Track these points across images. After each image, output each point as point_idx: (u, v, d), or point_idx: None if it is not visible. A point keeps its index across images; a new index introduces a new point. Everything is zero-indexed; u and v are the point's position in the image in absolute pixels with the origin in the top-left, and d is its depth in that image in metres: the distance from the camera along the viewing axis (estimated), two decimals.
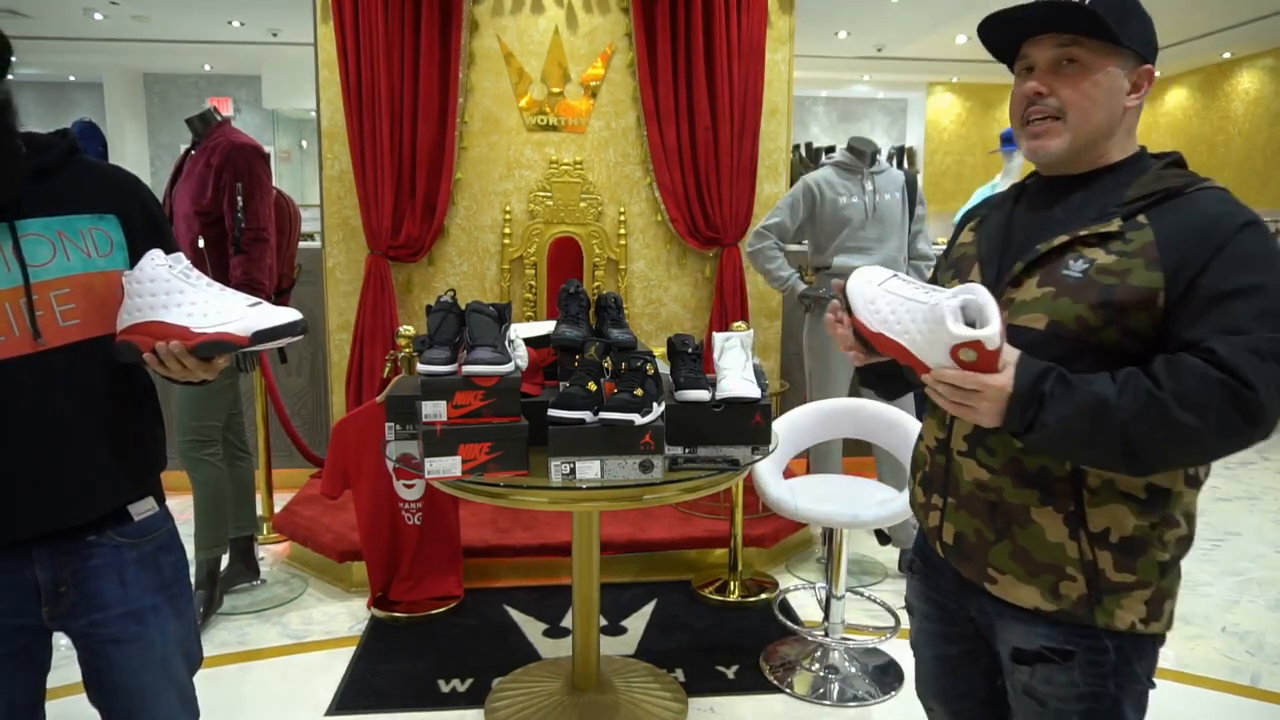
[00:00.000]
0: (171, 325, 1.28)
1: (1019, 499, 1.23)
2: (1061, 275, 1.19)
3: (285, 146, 10.66)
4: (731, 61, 3.85)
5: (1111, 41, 1.18)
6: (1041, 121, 1.23)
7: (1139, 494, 1.19)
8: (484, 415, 1.98)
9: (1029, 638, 1.25)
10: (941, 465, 1.35)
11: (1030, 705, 1.28)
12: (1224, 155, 9.41)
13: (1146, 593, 1.21)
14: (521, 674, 2.68)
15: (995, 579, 1.27)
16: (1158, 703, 2.64)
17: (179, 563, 1.48)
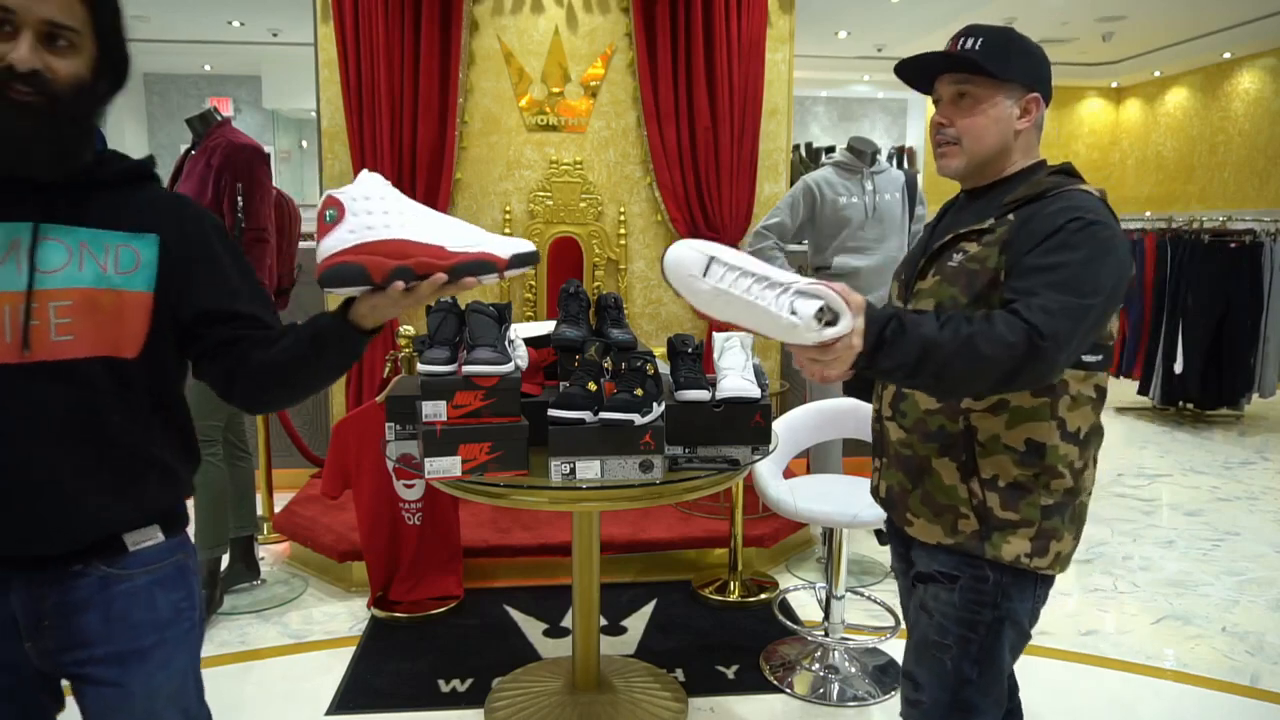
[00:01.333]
0: (420, 243, 1.14)
1: (925, 451, 1.49)
2: (946, 265, 1.46)
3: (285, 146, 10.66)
4: (731, 61, 3.85)
5: (996, 78, 1.44)
6: (944, 146, 1.50)
7: (1019, 447, 1.43)
8: (484, 415, 1.98)
9: (929, 564, 1.52)
10: (879, 431, 1.63)
11: (923, 617, 1.53)
12: (1224, 155, 9.40)
13: (1031, 530, 1.44)
14: (521, 674, 2.68)
15: (912, 521, 1.54)
16: (1158, 703, 2.61)
17: (183, 602, 1.31)
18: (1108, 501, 4.55)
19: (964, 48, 1.45)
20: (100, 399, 1.18)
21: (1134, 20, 7.95)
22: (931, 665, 1.51)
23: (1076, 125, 11.10)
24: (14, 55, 1.06)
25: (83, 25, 1.12)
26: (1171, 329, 6.25)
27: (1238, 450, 5.63)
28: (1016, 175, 1.49)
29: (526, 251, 1.19)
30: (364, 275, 1.13)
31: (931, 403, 1.47)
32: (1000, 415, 1.43)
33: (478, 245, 1.16)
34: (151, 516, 1.27)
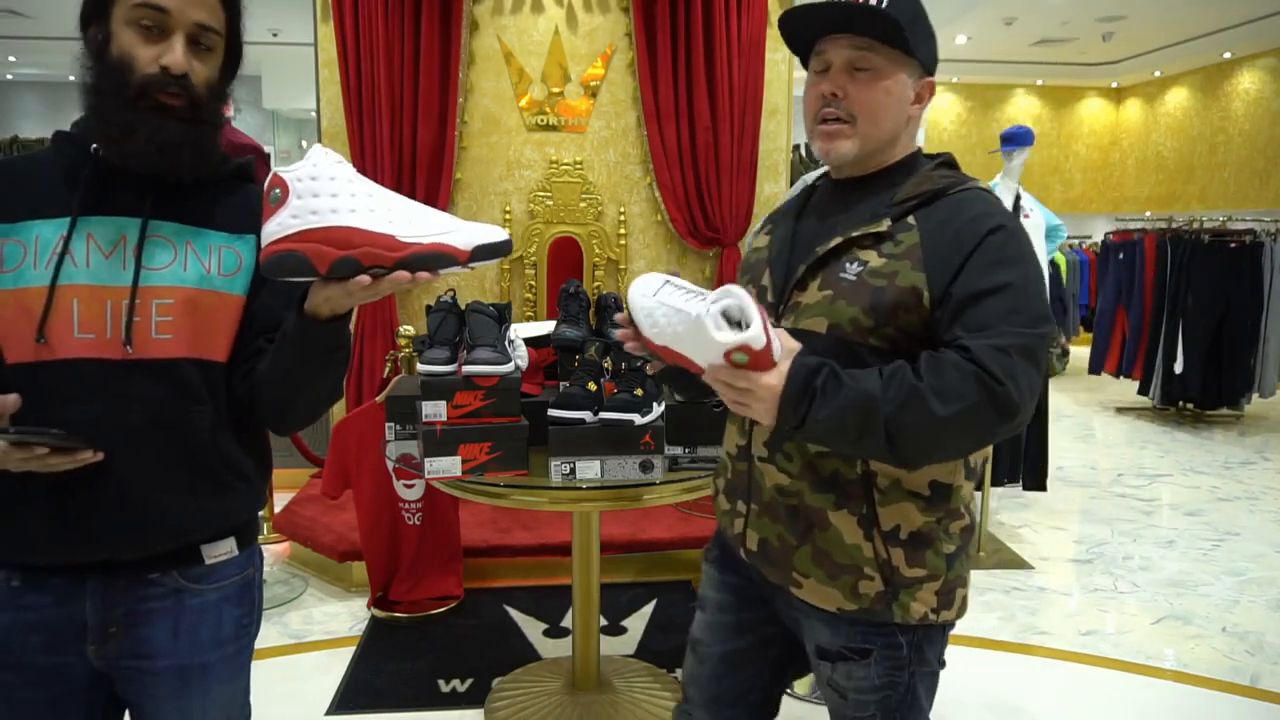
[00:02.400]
0: (368, 231, 1.02)
1: (817, 503, 1.25)
2: (839, 278, 1.22)
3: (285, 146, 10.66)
4: (731, 61, 3.85)
5: (904, 50, 1.22)
6: (834, 124, 1.25)
7: (923, 491, 1.23)
8: (484, 415, 1.98)
9: (831, 638, 1.29)
10: (744, 471, 1.35)
11: (833, 697, 1.34)
12: (1224, 155, 9.40)
13: (936, 584, 1.25)
14: (521, 674, 2.68)
15: (800, 583, 1.28)
16: (1158, 703, 2.61)
17: (245, 618, 1.29)
18: (1108, 501, 4.55)
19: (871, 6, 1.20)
20: (191, 402, 1.16)
21: (1134, 20, 7.95)
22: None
23: (1076, 125, 11.10)
24: (168, 58, 1.07)
25: (221, 27, 1.14)
26: (1171, 329, 6.25)
27: (1238, 450, 5.63)
28: (895, 166, 1.29)
29: (493, 242, 1.07)
30: (306, 265, 1.02)
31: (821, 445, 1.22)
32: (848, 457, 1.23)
33: (435, 235, 1.05)
34: (229, 528, 1.25)
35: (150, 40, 1.08)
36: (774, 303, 1.30)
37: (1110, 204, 11.02)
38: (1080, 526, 4.19)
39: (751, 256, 1.42)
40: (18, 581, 1.14)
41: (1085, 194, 11.22)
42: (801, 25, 1.27)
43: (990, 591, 3.39)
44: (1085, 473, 5.11)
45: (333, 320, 1.10)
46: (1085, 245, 9.06)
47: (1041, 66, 10.10)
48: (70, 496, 1.10)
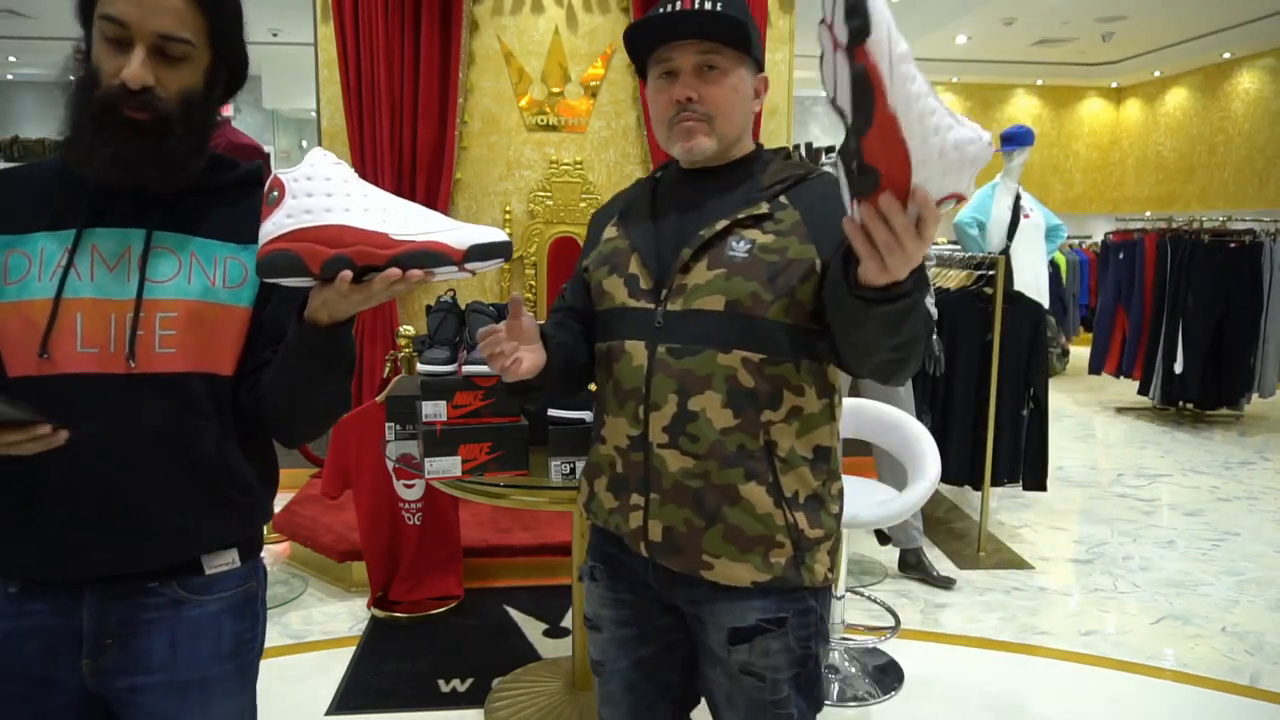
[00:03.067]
0: (360, 229, 1.02)
1: (727, 479, 1.27)
2: (728, 256, 1.27)
3: (285, 146, 10.65)
4: None
5: (744, 50, 1.30)
6: (692, 123, 1.30)
7: (809, 455, 1.30)
8: (484, 415, 1.99)
9: (744, 614, 1.30)
10: (639, 462, 1.33)
11: (749, 683, 1.31)
12: (1224, 155, 9.40)
13: (829, 543, 1.32)
14: (521, 674, 2.68)
15: (710, 564, 1.29)
16: (1158, 703, 2.61)
17: (247, 632, 1.25)
18: (1108, 501, 4.55)
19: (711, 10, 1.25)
20: (196, 416, 1.14)
21: (1134, 20, 7.95)
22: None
23: (1076, 125, 11.10)
24: (126, 72, 1.03)
25: (197, 35, 1.08)
26: (1171, 329, 6.25)
27: (1238, 450, 5.63)
28: (748, 158, 1.37)
29: (491, 242, 1.05)
30: (299, 265, 1.01)
31: (728, 419, 1.26)
32: (793, 424, 1.28)
33: (430, 234, 1.03)
34: (234, 538, 1.22)
35: (116, 52, 1.05)
36: (652, 288, 1.31)
37: (1110, 204, 11.02)
38: (1080, 526, 4.19)
39: (606, 248, 1.42)
40: (15, 589, 1.13)
41: (1085, 194, 11.22)
42: (651, 34, 1.31)
43: (990, 591, 3.39)
44: (1085, 473, 5.11)
45: (334, 327, 1.07)
46: (1085, 245, 9.06)
47: (1041, 66, 10.09)
48: (73, 510, 1.09)
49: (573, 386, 1.45)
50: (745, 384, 1.26)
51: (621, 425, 1.35)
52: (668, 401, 1.28)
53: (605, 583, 1.46)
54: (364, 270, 1.02)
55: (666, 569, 1.34)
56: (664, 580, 1.36)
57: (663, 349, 1.29)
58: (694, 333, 1.26)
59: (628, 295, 1.34)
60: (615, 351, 1.36)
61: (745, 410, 1.26)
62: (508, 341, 1.28)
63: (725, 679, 1.34)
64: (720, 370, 1.26)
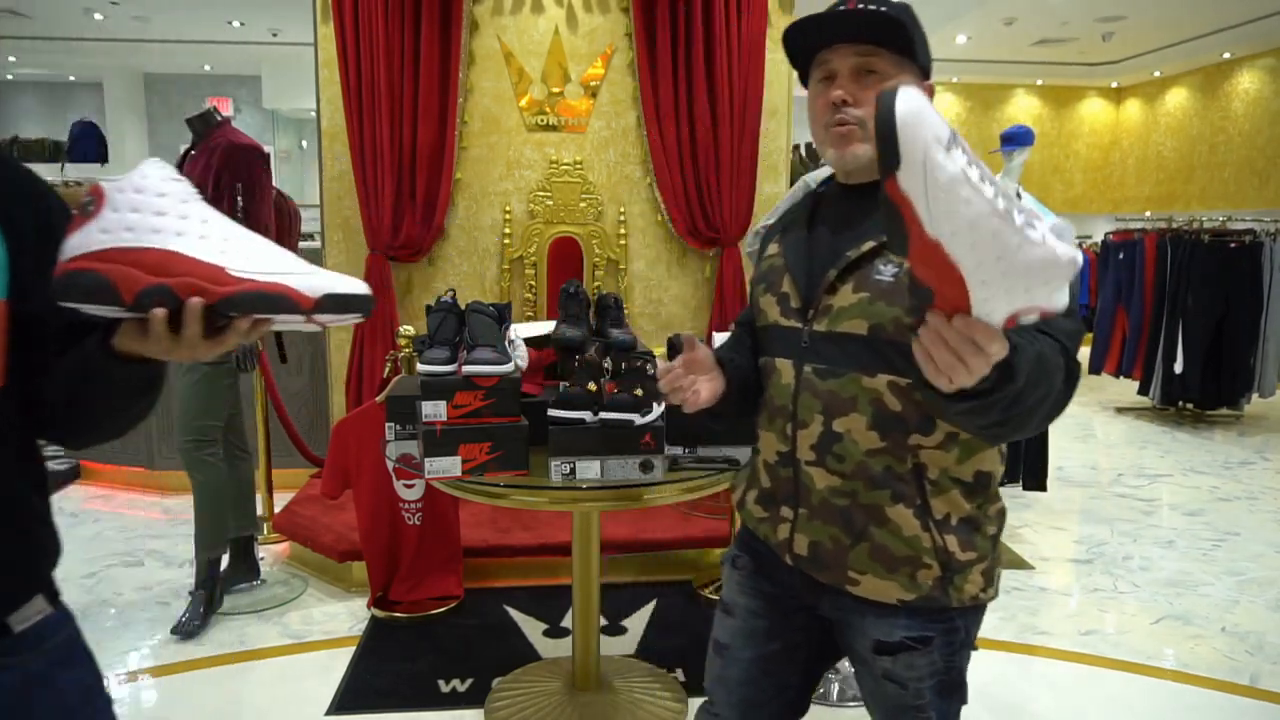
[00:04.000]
0: (192, 259, 0.86)
1: (873, 499, 1.27)
2: (874, 280, 1.23)
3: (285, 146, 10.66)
4: (731, 61, 3.85)
5: (907, 55, 1.25)
6: (846, 127, 1.26)
7: (967, 479, 1.28)
8: (484, 415, 1.99)
9: (890, 630, 1.30)
10: (788, 478, 1.34)
11: (891, 688, 1.34)
12: (1224, 155, 9.40)
13: (984, 565, 1.30)
14: (521, 674, 2.68)
15: (857, 580, 1.29)
16: (1158, 703, 2.61)
17: (86, 678, 1.05)
18: (1108, 501, 4.55)
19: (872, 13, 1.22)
20: None
21: (1134, 20, 7.95)
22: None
23: (1076, 125, 11.10)
24: None
25: None
26: (1171, 329, 6.25)
27: (1238, 450, 5.63)
28: None
29: (349, 294, 0.90)
30: (108, 290, 0.84)
31: (874, 441, 1.25)
32: (951, 450, 1.26)
33: (276, 275, 0.87)
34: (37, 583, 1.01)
35: None
36: (800, 308, 1.31)
37: (1110, 204, 11.02)
38: (1080, 527, 4.19)
39: (764, 265, 1.43)
40: None
41: (1085, 194, 11.22)
42: (809, 37, 1.28)
43: None
44: (1085, 473, 5.11)
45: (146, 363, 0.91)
46: (1085, 245, 9.05)
47: (1041, 66, 10.09)
48: None
49: (751, 404, 1.44)
50: (892, 407, 1.23)
51: (771, 441, 1.37)
52: (814, 420, 1.29)
53: (747, 572, 1.47)
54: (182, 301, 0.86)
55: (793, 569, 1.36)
56: (809, 587, 1.37)
57: (809, 369, 1.29)
58: (838, 355, 1.25)
59: (779, 314, 1.35)
60: (768, 368, 1.38)
61: (892, 433, 1.24)
62: (685, 377, 1.33)
63: (869, 679, 1.37)
64: (865, 393, 1.24)
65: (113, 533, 3.93)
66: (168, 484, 4.40)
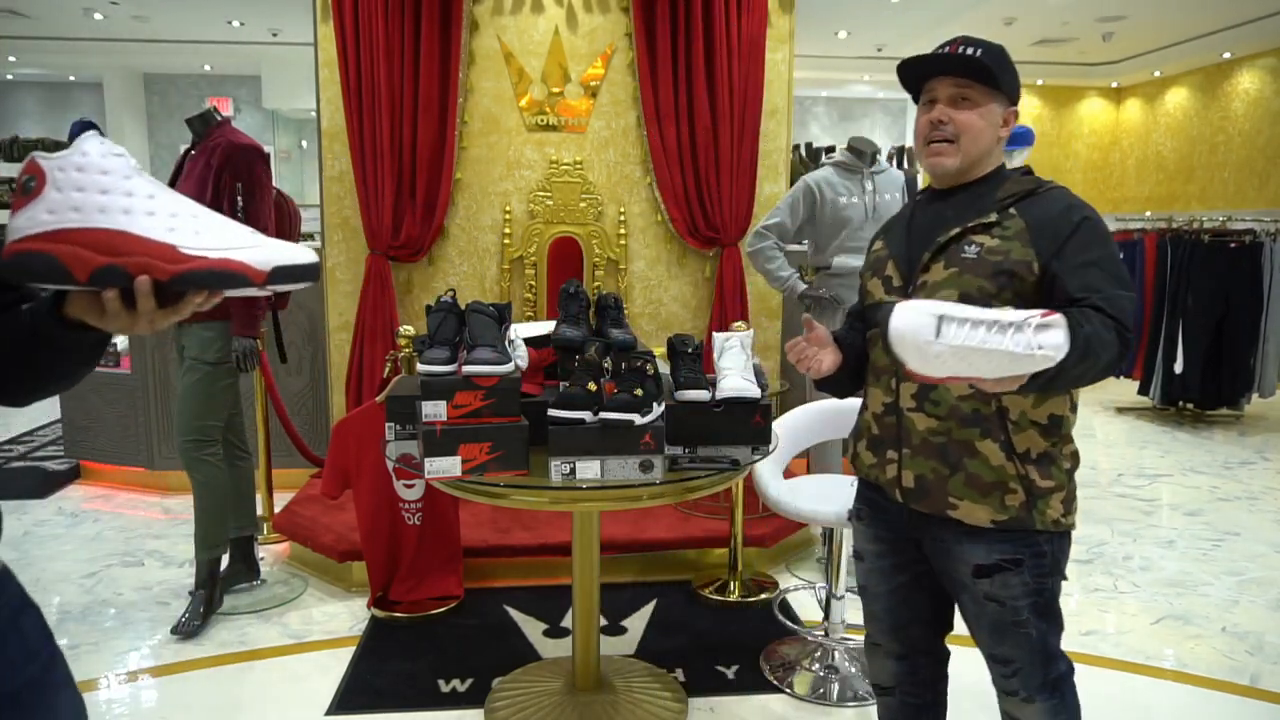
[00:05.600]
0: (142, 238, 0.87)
1: (965, 436, 1.58)
2: (961, 257, 1.57)
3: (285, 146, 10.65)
4: (731, 61, 3.85)
5: (993, 86, 1.60)
6: (940, 143, 1.62)
7: (1042, 421, 1.58)
8: (484, 415, 1.98)
9: (987, 554, 1.60)
10: (892, 424, 1.67)
11: (992, 607, 1.62)
12: (1224, 155, 9.40)
13: (1062, 494, 1.60)
14: (521, 674, 2.68)
15: (955, 505, 1.59)
16: (1158, 703, 2.61)
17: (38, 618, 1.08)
18: (1108, 501, 4.55)
19: (968, 55, 1.59)
20: None
21: (1134, 20, 7.95)
22: (1017, 641, 1.65)
23: (1076, 125, 11.10)
24: None
25: None
26: (1171, 329, 6.25)
27: (1238, 450, 5.63)
28: (986, 177, 1.66)
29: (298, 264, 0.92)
30: (61, 271, 0.86)
31: (963, 389, 1.55)
32: (1027, 395, 1.53)
33: (225, 250, 0.90)
34: None
35: None
36: (901, 285, 1.65)
37: (1110, 204, 11.01)
38: (1080, 526, 4.17)
39: (871, 257, 1.78)
40: None
41: (1085, 194, 11.11)
42: (918, 70, 1.65)
43: None
44: (1085, 473, 5.10)
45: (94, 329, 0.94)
46: None
47: (1041, 66, 10.09)
48: None
49: (861, 376, 1.78)
50: None
51: (878, 395, 1.70)
52: None
53: (867, 521, 1.79)
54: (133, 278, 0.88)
55: (917, 512, 1.65)
56: (915, 521, 1.67)
57: None
58: None
59: (884, 292, 1.68)
60: (873, 338, 1.71)
61: None
62: (810, 348, 1.69)
63: (971, 603, 1.65)
64: None
65: (113, 533, 3.93)
66: (168, 484, 4.40)
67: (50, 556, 3.65)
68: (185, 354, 3.01)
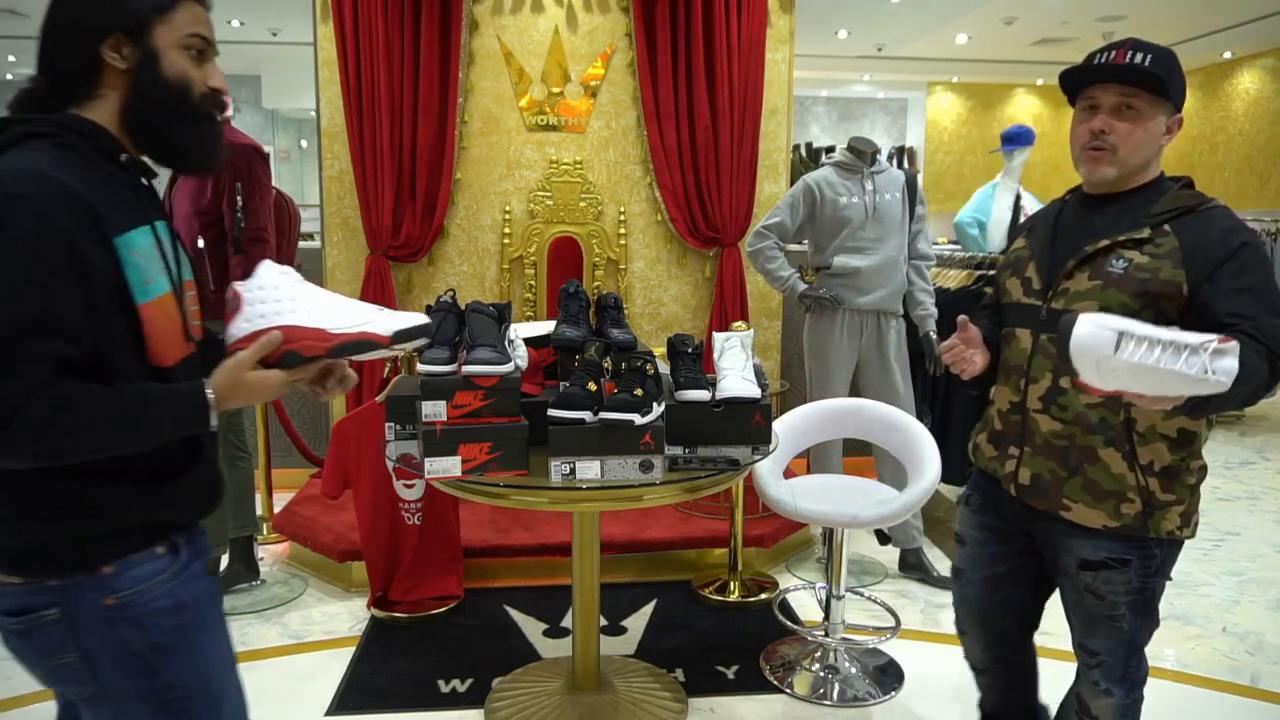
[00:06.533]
0: (304, 328, 1.24)
1: (1088, 442, 1.61)
2: (1106, 271, 1.57)
3: (285, 146, 10.64)
4: (731, 61, 3.85)
5: (1161, 95, 1.57)
6: (1099, 151, 1.60)
7: (1172, 435, 1.59)
8: (484, 415, 1.98)
9: (1095, 551, 1.64)
10: (1017, 422, 1.72)
11: (1090, 600, 1.67)
12: (1224, 155, 9.40)
13: (1182, 507, 1.61)
14: (521, 674, 2.68)
15: (1069, 506, 1.64)
16: (1158, 702, 2.61)
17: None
18: None
19: (1136, 62, 1.56)
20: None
21: (1134, 20, 7.95)
22: (1107, 634, 1.69)
23: None
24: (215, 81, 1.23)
25: None
26: None
27: (1238, 450, 5.63)
28: (1146, 186, 1.63)
29: (412, 326, 1.28)
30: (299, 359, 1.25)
31: (1090, 396, 1.55)
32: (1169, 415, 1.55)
33: (361, 325, 1.26)
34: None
35: (197, 64, 1.21)
36: (1041, 289, 1.67)
37: None
38: None
39: (1012, 255, 1.81)
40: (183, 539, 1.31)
41: None
42: (1084, 78, 1.63)
43: None
44: None
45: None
46: None
47: (1041, 66, 10.09)
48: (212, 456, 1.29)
49: None
50: None
51: (1005, 393, 1.74)
52: (1044, 378, 1.65)
53: (977, 508, 1.85)
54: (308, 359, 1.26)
55: (1031, 506, 1.70)
56: (1028, 515, 1.73)
57: (1044, 337, 1.65)
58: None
59: (1022, 293, 1.71)
60: (1008, 336, 1.75)
61: None
62: (965, 350, 1.71)
63: (1071, 590, 1.71)
64: None
65: None
66: None
67: None
68: None
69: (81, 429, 1.06)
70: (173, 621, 1.23)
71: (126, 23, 1.14)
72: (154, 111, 1.18)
